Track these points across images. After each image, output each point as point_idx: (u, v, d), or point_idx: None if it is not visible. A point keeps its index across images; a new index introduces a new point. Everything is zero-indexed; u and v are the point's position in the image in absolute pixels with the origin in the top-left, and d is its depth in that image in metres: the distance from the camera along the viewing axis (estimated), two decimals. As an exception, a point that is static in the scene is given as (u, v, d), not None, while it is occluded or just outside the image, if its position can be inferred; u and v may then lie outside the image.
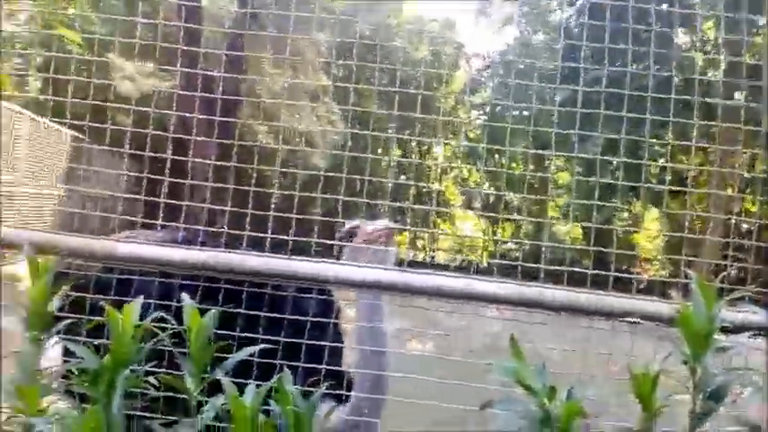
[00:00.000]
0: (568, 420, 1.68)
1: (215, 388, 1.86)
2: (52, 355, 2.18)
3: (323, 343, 2.44)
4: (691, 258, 2.48)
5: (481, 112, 27.61)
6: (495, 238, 27.20)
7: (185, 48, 2.64)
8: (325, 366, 2.38)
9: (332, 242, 2.63)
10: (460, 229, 29.95)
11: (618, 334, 2.35)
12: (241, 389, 1.72)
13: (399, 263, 2.76)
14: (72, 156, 16.43)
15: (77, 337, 2.12)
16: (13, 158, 13.60)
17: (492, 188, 28.09)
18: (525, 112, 19.27)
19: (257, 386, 1.68)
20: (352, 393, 2.63)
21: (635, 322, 2.07)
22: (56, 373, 1.85)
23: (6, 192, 13.34)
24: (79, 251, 2.29)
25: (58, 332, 2.08)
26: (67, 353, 2.24)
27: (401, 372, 2.88)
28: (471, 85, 26.75)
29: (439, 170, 28.00)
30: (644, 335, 2.42)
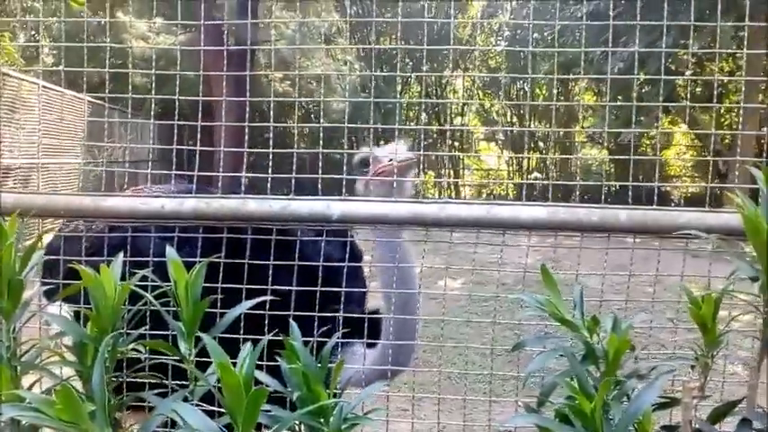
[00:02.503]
0: (617, 356, 1.45)
1: (224, 347, 1.66)
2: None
3: (338, 289, 2.23)
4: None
5: (500, 38, 26.75)
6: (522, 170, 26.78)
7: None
8: (343, 315, 2.18)
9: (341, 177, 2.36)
10: (485, 162, 29.43)
11: (664, 254, 2.10)
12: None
13: (415, 195, 2.52)
14: (92, 122, 16.28)
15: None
16: (30, 131, 13.49)
17: (515, 117, 27.47)
18: (547, 33, 18.54)
19: (254, 344, 1.47)
20: (380, 341, 2.44)
21: (689, 236, 1.81)
22: (39, 347, 1.67)
23: (29, 164, 13.30)
24: (63, 209, 2.10)
25: (48, 297, 1.91)
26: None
27: (430, 311, 2.69)
28: (488, 9, 25.82)
29: (460, 104, 27.44)
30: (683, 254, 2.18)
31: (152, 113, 2.20)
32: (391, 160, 2.34)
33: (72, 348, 1.70)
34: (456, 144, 26.04)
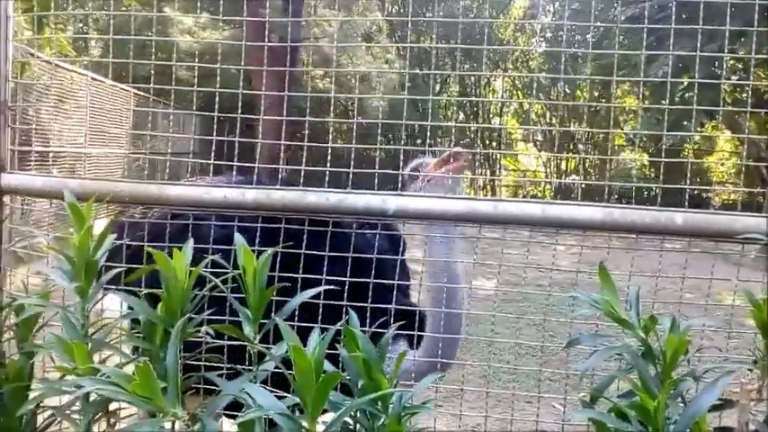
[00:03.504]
0: (675, 356, 1.47)
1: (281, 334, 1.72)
2: (115, 307, 2.08)
3: (388, 281, 2.27)
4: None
5: (542, 39, 26.50)
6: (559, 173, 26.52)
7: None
8: (393, 306, 2.22)
9: (397, 172, 2.40)
10: (522, 163, 29.22)
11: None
12: (304, 334, 1.57)
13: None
14: (137, 114, 16.55)
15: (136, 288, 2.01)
16: (79, 121, 13.79)
17: (554, 119, 27.22)
18: (590, 36, 18.33)
19: (321, 331, 1.53)
20: (425, 333, 2.47)
21: (747, 241, 1.81)
22: (108, 327, 1.74)
23: (75, 153, 13.60)
24: (128, 196, 2.17)
25: (112, 282, 1.98)
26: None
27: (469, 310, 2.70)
28: (531, 10, 25.61)
29: (499, 104, 27.30)
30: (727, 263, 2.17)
31: (215, 107, 2.27)
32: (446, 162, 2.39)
33: (136, 329, 1.78)
34: (494, 144, 25.90)
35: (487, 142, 25.79)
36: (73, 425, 1.63)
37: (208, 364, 1.88)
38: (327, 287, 1.98)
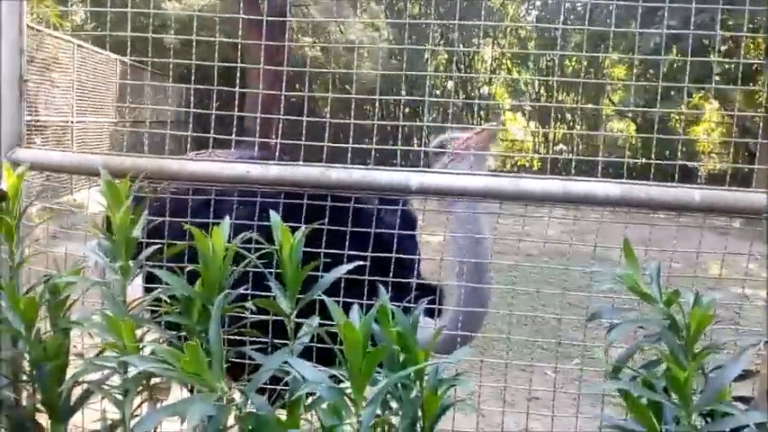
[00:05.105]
0: (698, 328, 1.52)
1: (307, 309, 1.76)
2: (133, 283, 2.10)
3: (408, 256, 2.31)
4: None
5: (531, 7, 26.36)
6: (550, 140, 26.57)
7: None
8: (415, 280, 2.27)
9: (425, 149, 2.43)
10: (510, 133, 29.27)
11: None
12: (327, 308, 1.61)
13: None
14: (123, 83, 16.32)
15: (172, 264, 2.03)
16: (65, 89, 13.60)
17: (543, 88, 27.21)
18: (579, 4, 18.29)
19: (357, 306, 1.57)
20: (449, 307, 2.51)
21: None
22: (141, 303, 1.77)
23: (61, 122, 13.45)
24: (149, 171, 2.18)
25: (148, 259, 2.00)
26: (149, 281, 2.17)
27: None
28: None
29: (488, 73, 27.18)
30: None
31: (213, 77, 2.27)
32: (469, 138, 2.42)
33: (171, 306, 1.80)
34: (482, 113, 25.88)
35: (476, 112, 25.74)
36: (112, 399, 1.67)
37: (238, 338, 1.91)
38: (353, 264, 2.01)
